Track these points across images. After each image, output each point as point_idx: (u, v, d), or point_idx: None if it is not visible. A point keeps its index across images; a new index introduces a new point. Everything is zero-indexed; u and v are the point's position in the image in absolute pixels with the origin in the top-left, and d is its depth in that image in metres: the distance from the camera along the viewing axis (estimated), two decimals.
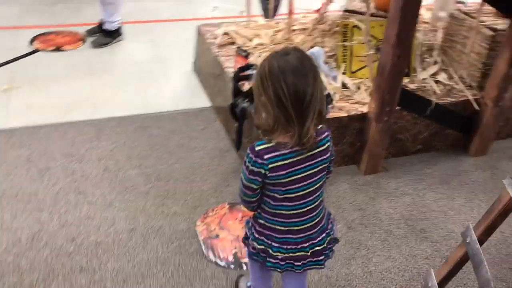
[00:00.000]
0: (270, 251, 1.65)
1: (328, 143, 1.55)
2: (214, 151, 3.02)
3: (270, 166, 1.46)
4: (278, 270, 1.69)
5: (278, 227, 1.62)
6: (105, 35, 4.16)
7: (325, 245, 1.69)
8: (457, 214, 2.70)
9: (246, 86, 2.85)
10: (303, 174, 1.51)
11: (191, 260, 2.30)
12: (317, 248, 1.67)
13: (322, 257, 1.69)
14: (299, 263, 1.68)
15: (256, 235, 1.67)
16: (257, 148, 1.46)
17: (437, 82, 3.10)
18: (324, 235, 1.69)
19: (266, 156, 1.45)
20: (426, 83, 3.06)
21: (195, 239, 2.40)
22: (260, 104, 1.45)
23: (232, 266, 2.29)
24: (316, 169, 1.52)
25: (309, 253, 1.66)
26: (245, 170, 1.51)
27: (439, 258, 2.42)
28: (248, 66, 2.82)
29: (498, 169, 3.08)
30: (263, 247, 1.66)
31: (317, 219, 1.65)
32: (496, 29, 2.93)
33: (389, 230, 2.56)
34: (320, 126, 1.51)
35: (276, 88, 1.38)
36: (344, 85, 2.99)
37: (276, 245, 1.64)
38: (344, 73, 3.06)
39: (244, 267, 2.27)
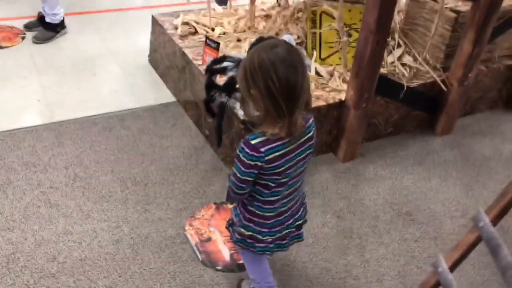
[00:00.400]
0: (260, 236, 1.69)
1: (313, 129, 1.61)
2: (189, 149, 2.88)
3: (267, 158, 1.48)
4: (268, 253, 1.74)
5: (268, 214, 1.66)
6: (47, 29, 3.83)
7: (305, 218, 1.80)
8: (436, 194, 2.77)
9: (221, 79, 2.74)
10: (294, 161, 1.55)
11: (187, 267, 2.19)
12: (298, 222, 1.77)
13: (302, 230, 1.80)
14: (286, 241, 1.77)
15: (245, 222, 1.69)
16: (253, 142, 1.48)
17: (403, 65, 3.15)
18: (302, 208, 1.78)
19: (262, 149, 1.47)
20: (395, 67, 3.09)
21: (187, 245, 2.29)
22: (248, 97, 1.46)
23: (231, 268, 2.21)
24: (304, 154, 1.58)
25: (294, 229, 1.76)
26: (239, 165, 1.52)
27: (428, 240, 2.48)
28: (222, 58, 2.69)
29: (464, 147, 3.20)
30: (251, 233, 1.69)
31: (299, 197, 1.73)
32: (459, 11, 3.00)
33: (376, 216, 2.58)
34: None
35: (267, 81, 1.39)
36: (317, 73, 2.95)
37: (266, 230, 1.68)
38: (315, 61, 3.02)
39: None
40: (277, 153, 1.49)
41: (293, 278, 2.20)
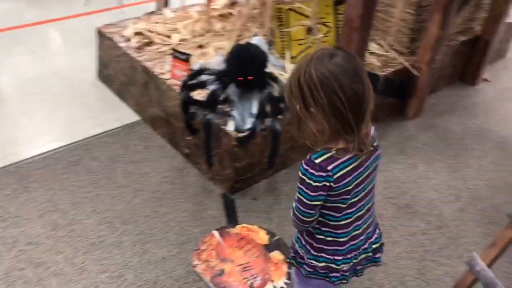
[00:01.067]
0: (334, 266, 1.53)
1: (376, 138, 1.47)
2: (171, 172, 2.66)
3: (335, 176, 1.33)
4: (345, 281, 1.57)
5: (341, 239, 1.50)
6: None
7: (381, 240, 1.63)
8: (427, 181, 2.79)
9: (200, 94, 2.53)
10: (363, 176, 1.42)
11: None
12: (374, 246, 1.60)
13: (379, 254, 1.63)
14: (361, 266, 1.61)
15: (315, 253, 1.53)
16: (317, 161, 1.32)
17: (371, 54, 3.11)
18: (377, 230, 1.64)
19: (329, 167, 1.32)
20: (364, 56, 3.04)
21: (201, 282, 2.11)
22: (306, 116, 1.30)
23: None
24: (372, 167, 1.44)
25: (371, 253, 1.60)
26: (305, 189, 1.36)
27: (434, 231, 2.48)
28: (200, 72, 2.48)
29: (437, 127, 3.26)
30: (324, 264, 1.53)
31: (372, 217, 1.59)
32: None
33: (380, 214, 2.53)
34: None
35: (331, 97, 1.24)
36: None
37: (340, 258, 1.52)
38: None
39: None
40: (345, 170, 1.34)
41: None
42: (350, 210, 1.45)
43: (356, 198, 1.44)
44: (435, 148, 3.06)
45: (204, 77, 2.46)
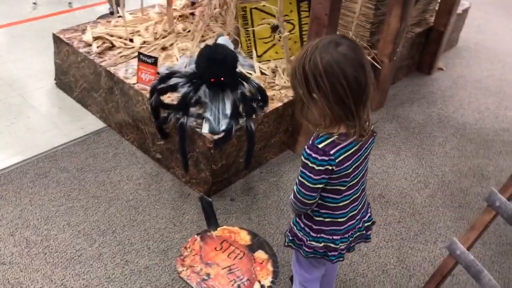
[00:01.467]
0: (333, 245, 1.59)
1: (372, 124, 1.53)
2: (144, 178, 2.60)
3: (337, 160, 1.39)
4: (341, 259, 1.66)
5: (339, 219, 1.57)
6: None
7: (372, 219, 1.71)
8: (396, 170, 2.87)
9: (170, 97, 2.49)
10: (361, 160, 1.48)
11: None
12: (367, 224, 1.68)
13: (370, 231, 1.72)
14: (354, 243, 1.69)
15: (314, 234, 1.59)
16: (321, 145, 1.38)
17: None
18: (369, 209, 1.71)
19: (332, 151, 1.38)
20: None
21: None
22: (309, 101, 1.35)
23: None
24: (368, 150, 1.52)
25: (364, 231, 1.68)
26: (308, 173, 1.40)
27: (408, 218, 2.56)
28: (170, 75, 2.44)
29: (400, 117, 3.36)
30: (324, 244, 1.59)
31: (365, 197, 1.66)
32: None
33: None
34: None
35: (335, 85, 1.29)
36: (261, 72, 2.83)
37: (339, 237, 1.59)
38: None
39: None
40: (346, 154, 1.40)
41: None
42: (348, 192, 1.51)
43: (355, 181, 1.50)
44: (400, 137, 3.15)
45: (174, 80, 2.42)
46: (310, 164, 1.38)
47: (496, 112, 3.52)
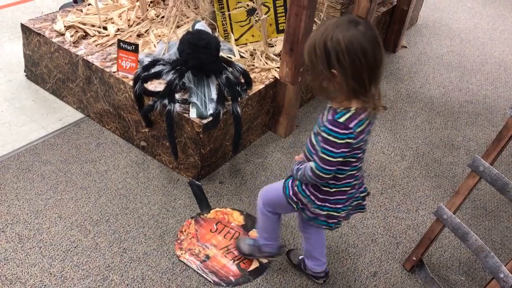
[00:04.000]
0: (335, 213, 1.70)
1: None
2: (131, 166, 2.60)
3: (355, 133, 1.48)
4: (339, 226, 1.79)
5: (345, 189, 1.67)
6: None
7: (367, 190, 1.83)
8: (373, 145, 2.98)
9: (153, 84, 2.48)
10: (368, 133, 1.58)
11: None
12: (363, 194, 1.80)
13: (365, 202, 1.83)
14: (352, 213, 1.81)
15: (319, 203, 1.68)
16: (341, 120, 1.46)
17: None
18: (364, 180, 1.82)
19: (351, 125, 1.47)
20: None
21: (188, 271, 2.11)
22: (328, 75, 1.42)
23: (246, 279, 2.12)
24: (373, 125, 1.61)
25: (360, 200, 1.80)
26: (330, 148, 1.49)
27: (389, 189, 2.68)
28: (154, 63, 2.43)
29: None
30: (326, 212, 1.69)
31: (362, 168, 1.76)
32: None
33: None
34: None
35: (355, 61, 1.38)
36: (240, 56, 2.85)
37: (341, 206, 1.70)
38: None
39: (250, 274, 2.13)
40: (362, 127, 1.49)
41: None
42: (357, 163, 1.61)
43: (362, 153, 1.60)
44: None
45: (158, 68, 2.42)
46: (332, 139, 1.46)
47: (459, 85, 3.70)
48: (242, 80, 2.54)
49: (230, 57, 2.77)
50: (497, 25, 4.83)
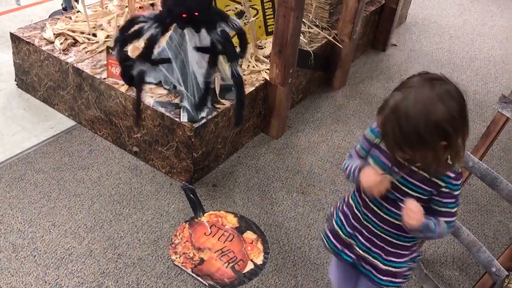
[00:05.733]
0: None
1: None
2: (124, 172, 2.60)
3: None
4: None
5: None
6: None
7: None
8: None
9: (135, 47, 2.44)
10: None
11: None
12: None
13: None
14: None
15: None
16: (459, 171, 1.40)
17: None
18: None
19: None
20: None
21: (183, 275, 2.12)
22: (438, 150, 1.29)
23: (241, 280, 2.12)
24: None
25: None
26: (459, 199, 1.44)
27: None
28: (132, 21, 2.23)
29: (362, 93, 3.49)
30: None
31: None
32: None
33: (333, 181, 2.70)
34: None
35: (467, 125, 1.30)
36: None
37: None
38: None
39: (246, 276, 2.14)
40: None
41: (299, 267, 2.21)
42: None
43: None
44: (365, 113, 3.29)
45: (139, 26, 2.20)
46: (459, 190, 1.42)
47: None
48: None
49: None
50: (485, 21, 4.86)
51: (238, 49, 2.31)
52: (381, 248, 1.54)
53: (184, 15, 2.11)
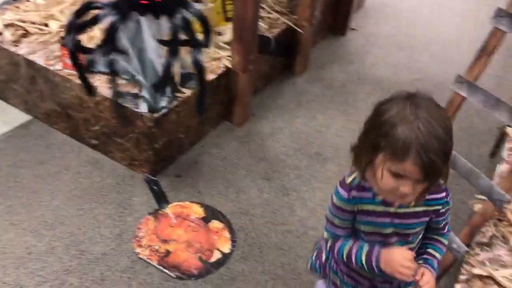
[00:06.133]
0: None
1: None
2: (83, 166, 2.53)
3: None
4: None
5: None
6: None
7: None
8: (328, 129, 3.02)
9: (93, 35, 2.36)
10: None
11: None
12: None
13: None
14: None
15: None
16: (445, 186, 1.42)
17: None
18: None
19: None
20: None
21: (150, 268, 2.09)
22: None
23: (208, 270, 2.11)
24: None
25: None
26: None
27: (348, 170, 2.72)
28: (86, 6, 2.11)
29: (323, 78, 3.51)
30: None
31: None
32: None
33: (297, 166, 2.71)
34: None
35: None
36: None
37: None
38: None
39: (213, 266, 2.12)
40: None
41: (266, 253, 2.21)
42: None
43: None
44: (326, 97, 3.31)
45: (94, 12, 2.09)
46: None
47: (408, 64, 3.78)
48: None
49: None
50: (442, 3, 4.95)
51: (200, 37, 2.26)
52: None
53: (144, 1, 2.06)
